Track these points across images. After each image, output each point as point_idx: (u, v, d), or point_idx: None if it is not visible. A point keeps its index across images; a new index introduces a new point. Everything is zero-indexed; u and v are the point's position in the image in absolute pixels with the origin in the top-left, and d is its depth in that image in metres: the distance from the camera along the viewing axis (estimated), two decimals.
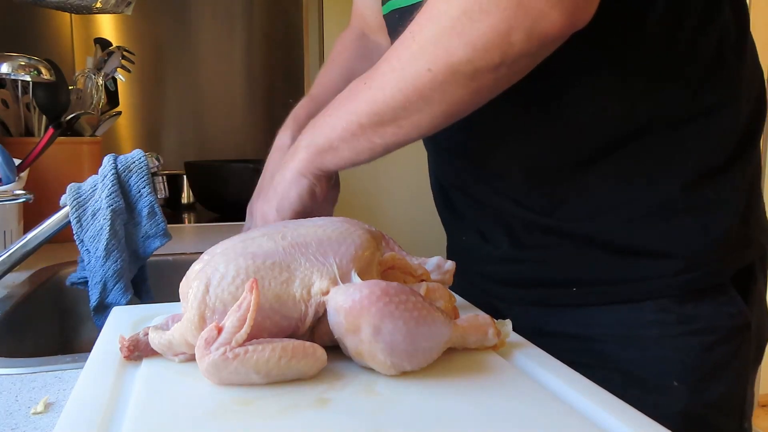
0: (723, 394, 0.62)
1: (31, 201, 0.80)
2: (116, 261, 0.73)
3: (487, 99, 0.54)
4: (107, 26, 1.99)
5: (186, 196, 1.79)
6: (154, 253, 0.78)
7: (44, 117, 1.19)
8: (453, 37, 0.49)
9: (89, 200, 0.75)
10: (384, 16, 0.73)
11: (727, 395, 0.63)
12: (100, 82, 1.33)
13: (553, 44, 0.50)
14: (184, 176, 1.75)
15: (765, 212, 0.67)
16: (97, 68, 1.37)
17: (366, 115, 0.55)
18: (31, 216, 1.04)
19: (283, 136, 0.74)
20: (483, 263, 0.72)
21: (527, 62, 0.51)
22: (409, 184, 3.29)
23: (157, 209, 0.76)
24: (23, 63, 0.94)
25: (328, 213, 0.69)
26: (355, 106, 0.56)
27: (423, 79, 0.51)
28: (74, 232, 0.74)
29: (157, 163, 0.78)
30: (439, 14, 0.50)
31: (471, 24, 0.48)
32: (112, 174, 0.74)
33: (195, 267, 0.44)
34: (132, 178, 0.75)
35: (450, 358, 0.44)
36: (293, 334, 0.43)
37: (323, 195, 0.62)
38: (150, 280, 0.82)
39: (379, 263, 0.49)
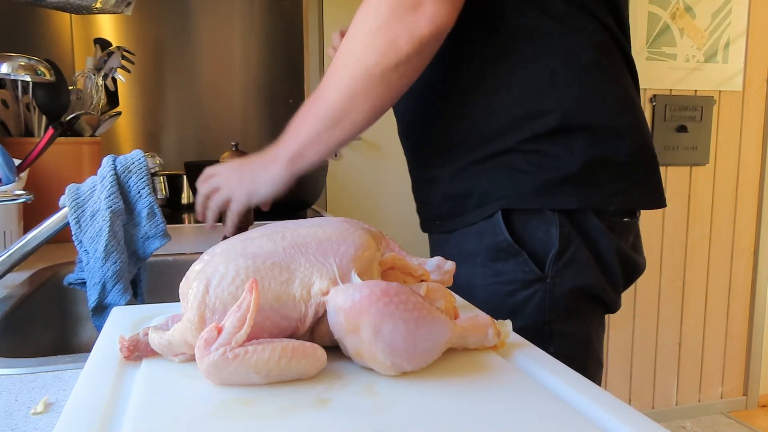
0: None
1: (30, 201, 0.80)
2: (115, 262, 0.72)
3: (400, 93, 0.73)
4: (107, 26, 1.99)
5: (186, 196, 1.79)
6: (154, 253, 0.78)
7: (44, 117, 1.19)
8: (365, 48, 0.70)
9: (88, 201, 0.75)
10: None
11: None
12: (100, 82, 1.33)
13: (431, 45, 0.70)
14: (184, 176, 1.74)
15: None
16: (97, 68, 1.37)
17: (320, 123, 0.73)
18: (31, 216, 1.05)
19: None
20: None
21: (418, 60, 0.70)
22: (409, 184, 3.29)
23: (157, 210, 0.76)
24: (23, 63, 0.95)
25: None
26: (312, 117, 0.74)
27: (349, 85, 0.71)
28: (73, 233, 0.74)
29: (156, 163, 0.78)
30: (355, 32, 0.71)
31: (373, 38, 0.69)
32: (111, 175, 0.74)
33: (195, 267, 0.44)
34: (131, 179, 0.75)
35: (450, 358, 0.44)
36: (293, 335, 0.43)
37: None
38: (150, 280, 0.82)
39: (379, 263, 0.49)
